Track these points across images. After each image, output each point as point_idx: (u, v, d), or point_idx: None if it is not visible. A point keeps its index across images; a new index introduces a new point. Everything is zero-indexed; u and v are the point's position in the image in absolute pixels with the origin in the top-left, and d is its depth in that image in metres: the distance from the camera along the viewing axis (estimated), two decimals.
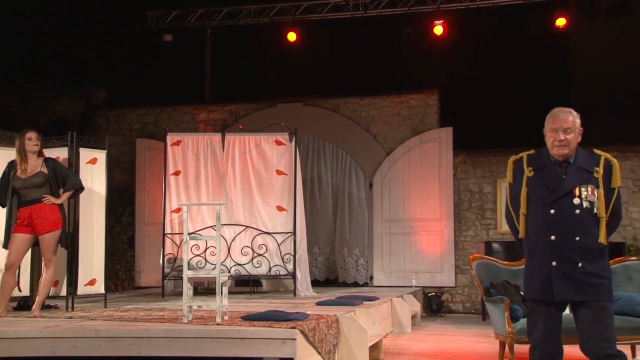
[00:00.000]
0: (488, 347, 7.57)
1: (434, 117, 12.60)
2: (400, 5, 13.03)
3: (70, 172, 7.20)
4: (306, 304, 7.89)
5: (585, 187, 4.10)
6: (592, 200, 4.09)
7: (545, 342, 4.17)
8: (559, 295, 4.10)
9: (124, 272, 12.37)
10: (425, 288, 12.06)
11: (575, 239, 4.07)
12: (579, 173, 4.15)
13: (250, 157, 9.83)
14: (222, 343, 5.17)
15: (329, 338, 5.80)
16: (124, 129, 13.55)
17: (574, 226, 4.09)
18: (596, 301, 4.05)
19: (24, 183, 6.82)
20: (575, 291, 4.07)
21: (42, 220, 6.75)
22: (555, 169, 4.19)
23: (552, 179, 4.17)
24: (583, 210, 4.09)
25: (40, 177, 6.84)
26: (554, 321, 4.16)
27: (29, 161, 6.87)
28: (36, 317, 6.58)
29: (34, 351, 5.39)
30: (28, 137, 6.88)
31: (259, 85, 14.08)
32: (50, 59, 14.42)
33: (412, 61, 13.59)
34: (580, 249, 4.07)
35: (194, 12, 13.84)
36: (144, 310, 7.20)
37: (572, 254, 4.07)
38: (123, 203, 12.62)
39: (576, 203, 4.09)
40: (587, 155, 4.21)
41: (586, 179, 4.12)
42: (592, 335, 4.04)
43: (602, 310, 4.04)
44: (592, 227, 4.09)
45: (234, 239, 9.53)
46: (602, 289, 4.06)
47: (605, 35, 13.41)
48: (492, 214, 12.22)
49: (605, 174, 4.14)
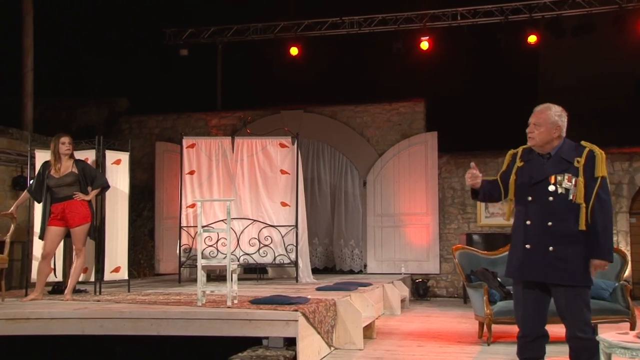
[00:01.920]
0: (469, 327, 7.57)
1: (420, 122, 12.59)
2: (390, 23, 13.08)
3: (98, 173, 7.22)
4: (307, 289, 7.90)
5: (562, 175, 3.90)
6: (567, 188, 3.88)
7: (524, 320, 4.03)
8: (530, 275, 3.95)
9: (145, 260, 12.37)
10: (413, 275, 12.05)
11: (547, 224, 3.90)
12: (557, 163, 3.96)
13: (257, 158, 9.83)
14: (232, 324, 5.19)
15: (328, 319, 5.81)
16: (145, 133, 13.54)
17: (547, 212, 3.91)
18: (570, 286, 3.85)
19: (57, 182, 6.84)
20: (545, 273, 3.89)
21: (73, 214, 6.77)
22: (539, 160, 4.03)
23: (534, 169, 4.02)
24: (557, 196, 3.89)
25: (71, 176, 6.86)
26: (531, 301, 3.97)
27: (62, 162, 6.89)
28: (68, 300, 6.60)
29: (66, 330, 5.43)
30: (62, 142, 6.90)
31: (265, 94, 14.09)
32: (79, 72, 14.43)
33: (401, 73, 13.61)
34: (552, 233, 3.88)
35: (206, 30, 13.85)
36: (162, 294, 7.21)
37: (544, 239, 3.90)
38: (144, 199, 12.61)
39: (551, 190, 3.91)
40: (572, 146, 4.01)
41: (564, 168, 3.93)
42: (565, 318, 3.91)
43: (573, 294, 3.86)
44: (567, 213, 3.88)
45: (242, 232, 9.53)
46: (573, 274, 3.84)
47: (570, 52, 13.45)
48: (473, 209, 12.21)
49: (587, 163, 3.91)
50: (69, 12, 13.71)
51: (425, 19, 12.82)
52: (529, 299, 3.99)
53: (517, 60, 13.39)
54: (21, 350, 5.75)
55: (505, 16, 12.48)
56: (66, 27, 13.75)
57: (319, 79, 13.83)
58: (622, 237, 11.45)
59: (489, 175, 12.51)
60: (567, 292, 3.87)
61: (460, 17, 12.73)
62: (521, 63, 13.66)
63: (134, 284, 8.67)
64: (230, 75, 14.42)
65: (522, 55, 13.10)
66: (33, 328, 5.45)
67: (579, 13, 12.20)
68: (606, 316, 6.29)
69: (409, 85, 13.32)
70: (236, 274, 6.11)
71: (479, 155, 12.26)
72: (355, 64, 13.78)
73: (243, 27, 13.69)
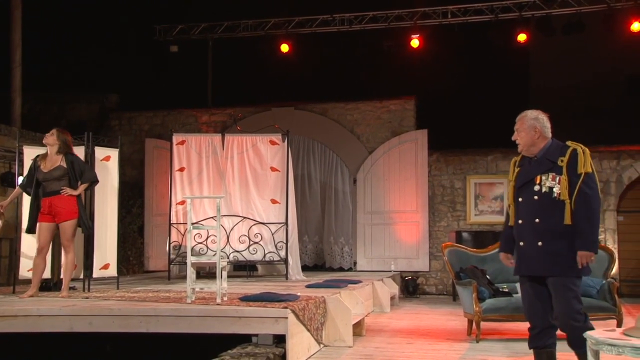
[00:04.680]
0: (458, 324, 7.60)
1: (411, 120, 12.62)
2: (381, 21, 13.09)
3: (87, 167, 7.13)
4: (297, 286, 7.89)
5: (547, 175, 4.14)
6: (550, 186, 4.11)
7: (529, 313, 4.28)
8: (526, 270, 4.21)
9: (135, 257, 12.34)
10: (402, 272, 12.09)
11: (535, 221, 4.14)
12: (541, 164, 4.20)
13: (247, 156, 9.81)
14: (222, 321, 5.18)
15: (317, 317, 5.81)
16: (135, 129, 13.50)
17: (534, 210, 4.16)
18: (559, 277, 4.07)
19: (45, 176, 6.77)
20: (536, 267, 4.13)
21: (60, 209, 6.71)
22: (529, 163, 4.29)
23: (524, 173, 4.28)
24: (542, 195, 4.13)
25: (59, 170, 6.79)
26: (533, 294, 4.22)
27: (49, 156, 6.85)
28: (65, 297, 6.57)
29: (55, 327, 5.39)
30: (48, 134, 6.86)
31: (255, 91, 14.07)
32: (69, 68, 14.36)
33: (392, 70, 13.63)
34: (540, 229, 4.12)
35: (197, 26, 13.81)
36: (152, 291, 7.19)
37: (533, 235, 4.14)
38: (134, 196, 12.57)
39: (536, 190, 4.15)
40: (557, 147, 4.23)
41: (548, 168, 4.16)
42: (557, 309, 4.11)
43: (562, 285, 4.07)
44: (552, 210, 4.11)
45: (232, 229, 9.51)
46: (561, 266, 4.06)
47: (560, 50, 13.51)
48: (462, 207, 12.26)
49: (570, 161, 4.12)
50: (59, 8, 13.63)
51: (416, 16, 12.84)
52: (531, 292, 4.25)
53: (507, 58, 13.45)
54: (9, 347, 5.71)
55: (495, 14, 12.52)
56: (57, 23, 13.67)
57: (310, 76, 13.83)
58: (609, 235, 11.52)
59: (478, 173, 12.64)
60: (555, 283, 4.10)
61: (450, 15, 12.76)
62: (511, 61, 13.71)
63: (123, 281, 8.64)
64: (220, 72, 14.39)
65: (513, 53, 13.16)
66: (21, 325, 5.41)
67: (568, 12, 12.27)
68: (593, 313, 6.29)
69: (400, 83, 13.34)
70: (226, 271, 6.09)
71: (469, 153, 12.31)
72: (346, 62, 13.78)
73: (234, 23, 13.67)
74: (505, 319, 6.57)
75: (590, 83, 13.87)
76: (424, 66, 13.27)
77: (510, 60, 13.62)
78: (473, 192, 12.13)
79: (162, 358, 5.83)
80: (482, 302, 6.40)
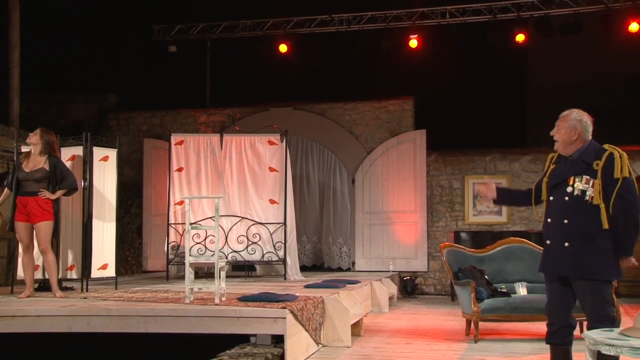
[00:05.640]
0: (456, 324, 7.60)
1: (409, 120, 12.61)
2: (379, 21, 13.09)
3: (69, 173, 6.94)
4: (295, 286, 7.89)
5: (580, 177, 4.11)
6: (583, 189, 4.08)
7: (549, 309, 4.28)
8: (550, 268, 4.22)
9: (133, 257, 12.32)
10: (401, 272, 12.08)
11: (564, 222, 4.12)
12: (577, 165, 4.16)
13: (245, 156, 9.81)
14: (220, 321, 5.18)
15: (316, 317, 5.82)
16: (133, 130, 13.48)
17: (564, 211, 4.14)
18: (590, 279, 4.05)
19: (26, 176, 6.71)
20: (561, 267, 4.14)
21: (34, 210, 6.64)
22: (564, 163, 4.26)
23: (559, 172, 4.26)
24: (573, 197, 4.10)
25: (40, 172, 6.71)
26: (554, 292, 4.22)
27: (32, 156, 6.80)
28: (61, 297, 6.53)
29: (53, 327, 5.39)
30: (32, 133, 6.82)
31: (254, 91, 14.07)
32: (67, 68, 14.35)
33: (390, 71, 13.63)
34: (568, 231, 4.10)
35: (195, 26, 13.80)
36: (150, 292, 7.19)
37: (561, 235, 4.13)
38: (132, 196, 12.56)
39: (568, 191, 4.13)
40: (594, 150, 4.19)
41: (582, 170, 4.12)
42: (585, 310, 4.12)
43: (590, 288, 4.05)
44: (582, 213, 4.07)
45: (231, 229, 9.51)
46: (587, 269, 4.04)
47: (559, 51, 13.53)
48: (461, 207, 12.26)
49: (606, 166, 4.07)
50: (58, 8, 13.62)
51: (415, 17, 12.84)
52: (553, 290, 4.26)
53: (505, 58, 13.46)
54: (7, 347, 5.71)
55: (493, 15, 12.53)
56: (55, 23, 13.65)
57: (308, 77, 13.82)
58: None
59: (477, 173, 12.61)
60: (584, 286, 4.09)
61: (449, 15, 12.76)
62: (510, 61, 13.73)
63: (121, 281, 8.63)
64: (219, 72, 14.38)
65: (511, 53, 13.17)
66: (19, 325, 5.41)
67: (566, 12, 12.28)
68: None
69: (398, 83, 13.34)
70: (224, 271, 6.10)
71: (468, 153, 12.31)
72: (345, 62, 13.78)
73: (232, 23, 13.65)
74: (504, 319, 6.57)
75: (589, 83, 13.90)
76: (423, 66, 13.27)
77: (508, 60, 13.64)
78: (471, 193, 12.13)
79: (160, 358, 5.83)
80: (480, 302, 6.41)
